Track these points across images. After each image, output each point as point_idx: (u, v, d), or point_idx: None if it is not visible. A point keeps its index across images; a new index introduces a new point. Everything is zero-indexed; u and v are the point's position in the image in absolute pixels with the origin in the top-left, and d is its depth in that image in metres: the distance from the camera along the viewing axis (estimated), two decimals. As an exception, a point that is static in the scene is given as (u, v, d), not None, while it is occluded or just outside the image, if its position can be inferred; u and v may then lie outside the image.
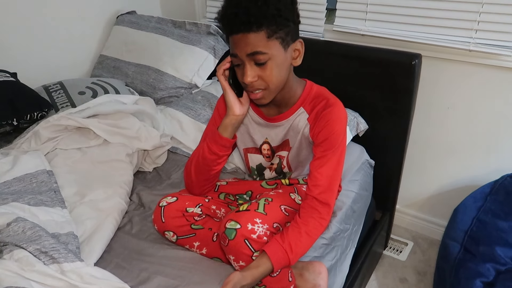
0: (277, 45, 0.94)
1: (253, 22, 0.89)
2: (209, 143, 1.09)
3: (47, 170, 1.26)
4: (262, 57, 0.93)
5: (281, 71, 0.98)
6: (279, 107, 1.12)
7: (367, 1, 1.62)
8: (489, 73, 1.51)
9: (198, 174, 1.13)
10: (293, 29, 0.97)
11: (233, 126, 1.08)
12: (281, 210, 1.03)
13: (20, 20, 1.71)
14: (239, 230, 0.92)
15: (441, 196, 1.82)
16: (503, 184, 1.50)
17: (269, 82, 0.97)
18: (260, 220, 0.94)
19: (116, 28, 2.00)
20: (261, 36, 0.91)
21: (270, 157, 1.21)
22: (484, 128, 1.60)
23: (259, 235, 0.93)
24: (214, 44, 1.85)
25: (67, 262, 0.93)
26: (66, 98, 1.61)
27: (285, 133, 1.14)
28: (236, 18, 0.90)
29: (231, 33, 0.94)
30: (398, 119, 1.55)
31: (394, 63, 1.47)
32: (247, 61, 0.94)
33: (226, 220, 0.95)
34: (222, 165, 1.13)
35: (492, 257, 1.34)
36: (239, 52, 0.94)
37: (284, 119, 1.11)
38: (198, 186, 1.15)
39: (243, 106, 1.07)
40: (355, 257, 1.40)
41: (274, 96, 1.02)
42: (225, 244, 0.94)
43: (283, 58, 0.97)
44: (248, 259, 0.94)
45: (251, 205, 0.99)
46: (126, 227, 1.21)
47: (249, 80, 0.95)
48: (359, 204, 1.44)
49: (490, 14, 1.41)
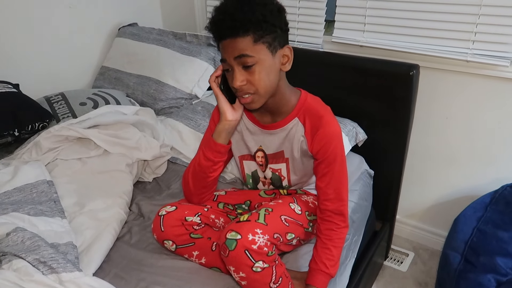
0: (264, 49, 0.96)
1: (239, 27, 0.93)
2: (204, 150, 1.12)
3: (47, 180, 1.27)
4: (249, 59, 0.95)
5: (269, 76, 1.00)
6: (273, 115, 1.13)
7: (365, 13, 1.64)
8: (486, 83, 1.52)
9: (195, 181, 1.14)
10: (281, 35, 0.99)
11: (227, 132, 1.10)
12: (282, 221, 1.04)
13: (22, 32, 1.74)
14: (239, 241, 0.92)
15: (441, 206, 1.81)
16: (503, 194, 1.49)
17: (258, 86, 0.99)
18: (260, 231, 0.94)
19: (117, 40, 2.03)
20: (247, 41, 0.94)
21: (263, 165, 1.21)
22: (483, 138, 1.61)
23: (259, 246, 0.92)
24: (214, 55, 1.87)
25: (65, 272, 0.93)
26: (68, 109, 1.63)
27: (280, 143, 1.14)
28: (223, 23, 0.94)
29: (220, 39, 0.98)
30: (397, 129, 1.56)
31: (392, 73, 1.49)
32: (235, 65, 0.97)
33: (226, 231, 0.95)
34: (218, 172, 1.15)
35: (493, 268, 1.33)
36: (227, 57, 0.97)
37: (279, 128, 1.12)
38: (196, 195, 1.16)
39: (235, 112, 1.09)
40: (355, 267, 1.39)
41: (264, 101, 1.04)
42: (226, 255, 0.94)
43: (271, 63, 0.99)
44: (249, 270, 0.93)
45: (252, 216, 0.99)
46: (125, 237, 1.21)
47: (238, 84, 0.98)
48: (359, 214, 1.43)
49: (487, 25, 1.43)
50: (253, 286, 0.97)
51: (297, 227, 1.10)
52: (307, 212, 1.15)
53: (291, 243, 1.11)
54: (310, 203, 1.19)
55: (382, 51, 1.65)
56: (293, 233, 1.07)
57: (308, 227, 1.15)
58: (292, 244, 1.14)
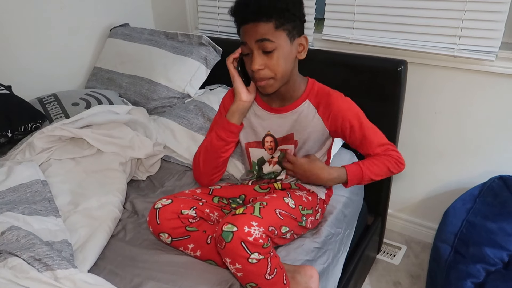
0: (284, 36, 1.03)
1: (264, 12, 0.99)
2: (217, 130, 1.18)
3: (41, 180, 1.28)
4: (270, 45, 1.01)
5: (286, 62, 1.06)
6: (282, 100, 1.18)
7: (354, 10, 1.66)
8: (473, 77, 1.55)
9: (206, 162, 1.21)
10: (299, 25, 1.06)
11: (240, 112, 1.16)
12: (276, 214, 1.06)
13: (14, 33, 1.74)
14: (235, 233, 0.93)
15: (432, 199, 1.84)
16: (491, 186, 1.52)
17: (276, 71, 1.05)
18: (256, 223, 0.96)
19: (109, 41, 2.03)
20: (269, 26, 1.01)
21: (272, 149, 1.24)
22: (471, 132, 1.64)
23: (255, 238, 0.94)
24: (206, 55, 1.88)
25: (60, 269, 0.94)
26: (60, 110, 1.64)
27: (290, 125, 1.18)
28: (248, 8, 1.01)
29: (242, 23, 1.04)
30: (387, 125, 1.55)
31: (381, 70, 1.51)
32: (255, 49, 1.03)
33: (222, 223, 0.96)
34: (229, 153, 1.21)
35: (482, 258, 1.36)
36: (248, 40, 1.03)
37: (289, 111, 1.17)
38: (206, 176, 1.24)
39: (250, 94, 1.15)
40: (348, 261, 1.41)
41: (279, 85, 1.10)
42: (222, 247, 0.95)
43: (289, 50, 1.05)
44: (244, 261, 0.95)
45: (247, 209, 1.01)
46: (120, 235, 1.22)
47: (256, 68, 1.03)
48: (350, 208, 1.46)
49: (473, 21, 1.46)
50: (249, 277, 0.98)
51: (291, 220, 1.12)
52: (300, 206, 1.17)
53: (285, 236, 1.13)
54: (303, 197, 1.21)
55: (371, 47, 1.67)
56: (287, 226, 1.09)
57: (301, 221, 1.17)
58: (286, 238, 1.16)
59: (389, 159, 1.17)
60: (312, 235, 1.27)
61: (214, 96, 1.75)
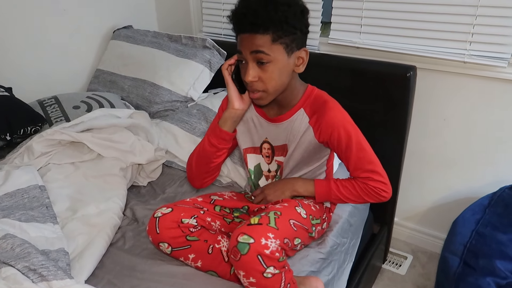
0: (281, 49, 0.99)
1: (260, 24, 0.95)
2: (209, 136, 1.17)
3: (39, 185, 1.24)
4: (265, 57, 0.98)
5: (281, 76, 1.02)
6: (280, 107, 1.15)
7: (361, 14, 1.63)
8: (484, 84, 1.51)
9: (198, 166, 1.20)
10: (300, 37, 1.01)
11: (232, 120, 1.14)
12: (291, 225, 1.01)
13: (16, 35, 1.72)
14: (252, 245, 0.88)
15: (440, 208, 1.80)
16: (501, 196, 1.48)
17: (268, 84, 1.01)
18: (273, 235, 0.91)
19: (112, 43, 2.01)
20: (266, 39, 0.96)
21: (269, 157, 1.21)
22: (481, 140, 1.60)
23: (272, 251, 0.89)
24: (210, 58, 1.85)
25: (56, 279, 0.91)
26: (61, 113, 1.61)
27: (285, 135, 1.15)
28: (245, 18, 0.97)
29: (239, 32, 1.00)
30: (395, 131, 1.54)
31: (389, 75, 1.47)
32: (250, 60, 1.00)
33: (237, 234, 0.91)
34: (221, 159, 1.19)
35: (492, 271, 1.31)
36: (244, 50, 1.00)
37: (285, 120, 1.14)
38: (198, 178, 1.24)
39: (243, 102, 1.12)
40: (353, 271, 1.38)
41: (272, 98, 1.07)
42: (237, 259, 0.90)
43: (285, 64, 1.01)
44: (260, 275, 0.90)
45: (262, 219, 0.95)
46: (119, 243, 1.19)
47: (249, 79, 1.01)
48: (356, 217, 1.42)
49: (484, 26, 1.42)
50: None
51: (303, 231, 1.08)
52: (311, 216, 1.13)
53: (295, 248, 1.10)
54: (312, 206, 1.17)
55: (378, 52, 1.64)
56: (299, 238, 1.05)
57: (312, 232, 1.14)
58: (296, 249, 1.13)
59: (364, 187, 1.10)
60: (317, 245, 1.23)
61: (217, 100, 1.72)
